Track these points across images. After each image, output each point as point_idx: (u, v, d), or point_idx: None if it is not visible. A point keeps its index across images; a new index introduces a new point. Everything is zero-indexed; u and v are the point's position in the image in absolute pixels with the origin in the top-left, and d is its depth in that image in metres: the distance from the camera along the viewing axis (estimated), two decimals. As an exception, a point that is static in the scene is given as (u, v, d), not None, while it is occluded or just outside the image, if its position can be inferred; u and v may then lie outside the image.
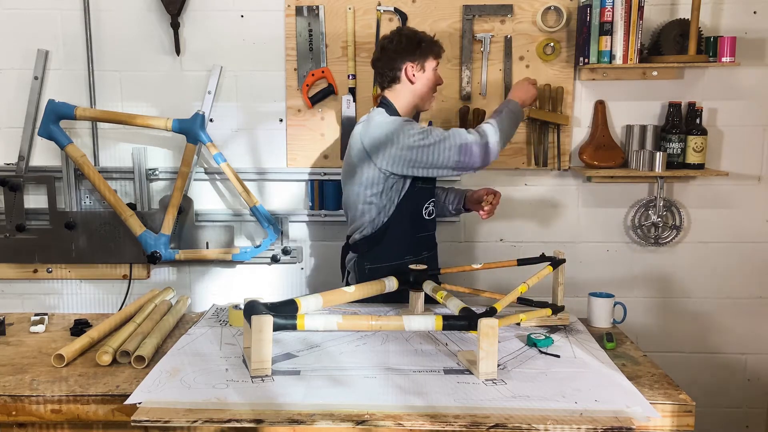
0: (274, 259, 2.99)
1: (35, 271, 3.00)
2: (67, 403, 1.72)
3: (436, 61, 2.45)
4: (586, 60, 2.75)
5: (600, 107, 2.90)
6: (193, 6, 2.86)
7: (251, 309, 1.79)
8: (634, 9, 2.69)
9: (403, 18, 2.83)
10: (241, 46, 2.89)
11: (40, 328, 2.22)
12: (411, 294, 2.22)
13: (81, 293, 3.06)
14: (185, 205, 2.93)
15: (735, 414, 3.10)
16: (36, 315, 2.32)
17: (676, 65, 2.75)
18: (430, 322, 1.80)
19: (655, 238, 2.97)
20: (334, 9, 2.84)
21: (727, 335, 3.05)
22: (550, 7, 2.82)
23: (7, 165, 2.94)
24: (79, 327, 2.19)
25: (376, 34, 2.85)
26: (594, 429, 1.51)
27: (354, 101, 2.89)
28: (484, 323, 1.72)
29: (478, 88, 2.89)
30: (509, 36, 2.85)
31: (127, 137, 2.96)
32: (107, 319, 2.20)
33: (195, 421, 1.54)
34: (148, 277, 3.03)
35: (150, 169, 2.95)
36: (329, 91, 2.88)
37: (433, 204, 2.50)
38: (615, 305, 2.24)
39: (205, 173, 2.97)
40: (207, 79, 2.88)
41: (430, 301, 2.20)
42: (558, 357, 1.90)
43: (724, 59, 2.70)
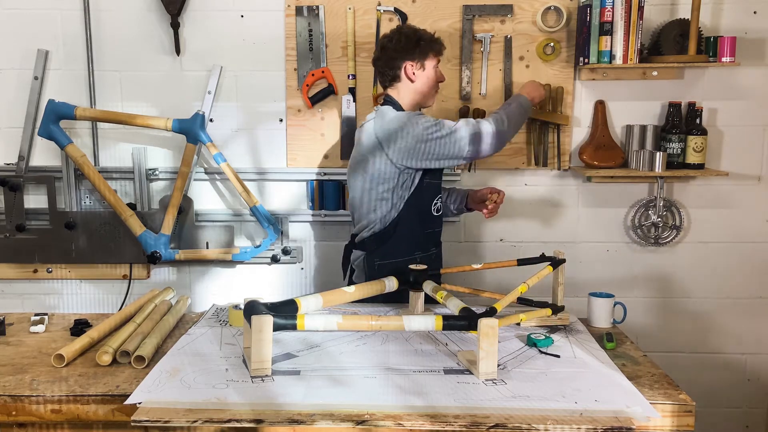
0: (274, 259, 2.99)
1: (35, 271, 3.00)
2: (67, 403, 1.72)
3: (437, 58, 2.46)
4: (586, 60, 2.75)
5: (600, 107, 2.90)
6: (193, 6, 2.86)
7: (251, 309, 1.79)
8: (634, 9, 2.69)
9: (403, 18, 2.83)
10: (241, 46, 2.89)
11: (40, 328, 2.22)
12: (411, 294, 2.22)
13: (81, 293, 3.05)
14: (185, 205, 2.93)
15: (735, 414, 3.10)
16: (36, 315, 2.32)
17: (676, 65, 2.75)
18: (430, 322, 1.80)
19: (655, 238, 2.97)
20: (334, 9, 2.84)
21: (727, 335, 3.05)
22: (550, 7, 2.82)
23: (7, 165, 2.94)
24: (79, 327, 2.19)
25: (376, 34, 2.85)
26: (594, 429, 1.51)
27: (354, 101, 2.89)
28: (484, 323, 1.73)
29: (478, 88, 2.89)
30: (509, 36, 2.85)
31: (127, 137, 2.96)
32: (107, 319, 2.20)
33: (195, 421, 1.54)
34: (148, 277, 3.03)
35: (150, 169, 2.95)
36: (329, 91, 2.88)
37: (441, 200, 2.51)
38: (615, 305, 2.24)
39: (205, 173, 2.97)
40: (207, 79, 2.88)
41: (430, 301, 2.20)
42: (558, 357, 1.90)
43: (724, 59, 2.70)
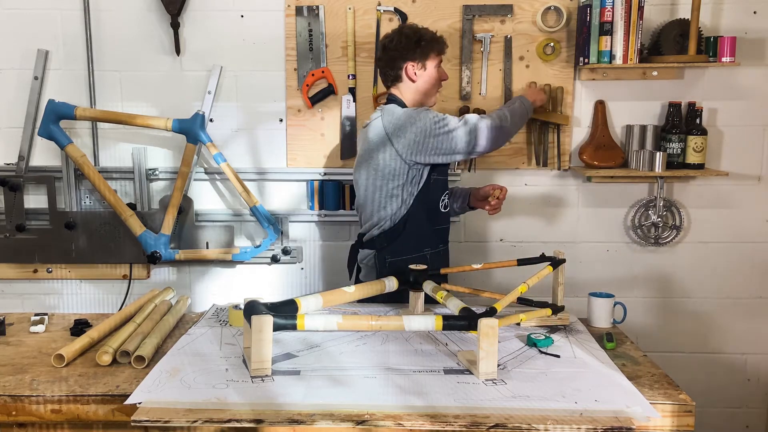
0: (274, 259, 2.99)
1: (35, 271, 3.00)
2: (67, 403, 1.72)
3: (439, 57, 2.46)
4: (586, 60, 2.75)
5: (600, 107, 2.90)
6: (193, 6, 2.86)
7: (251, 309, 1.79)
8: (634, 9, 2.69)
9: (403, 18, 2.83)
10: (241, 46, 2.89)
11: (40, 328, 2.22)
12: (411, 294, 2.22)
13: (81, 293, 3.05)
14: (185, 205, 2.93)
15: (735, 414, 3.10)
16: (36, 315, 2.32)
17: (676, 65, 2.75)
18: (430, 322, 1.80)
19: (655, 238, 2.97)
20: (334, 9, 2.84)
21: (727, 335, 3.05)
22: (550, 7, 2.82)
23: (7, 165, 2.94)
24: (79, 327, 2.19)
25: (376, 34, 2.85)
26: (594, 429, 1.51)
27: (354, 101, 2.89)
28: (484, 323, 1.73)
29: (477, 88, 2.89)
30: (509, 36, 2.85)
31: (127, 137, 2.96)
32: (107, 319, 2.20)
33: (195, 421, 1.54)
34: (148, 277, 3.03)
35: (150, 169, 2.95)
36: (329, 91, 2.88)
37: (448, 197, 2.52)
38: (615, 305, 2.24)
39: (205, 173, 2.97)
40: (207, 79, 2.88)
41: (430, 301, 2.20)
42: (558, 357, 1.90)
43: (724, 59, 2.70)
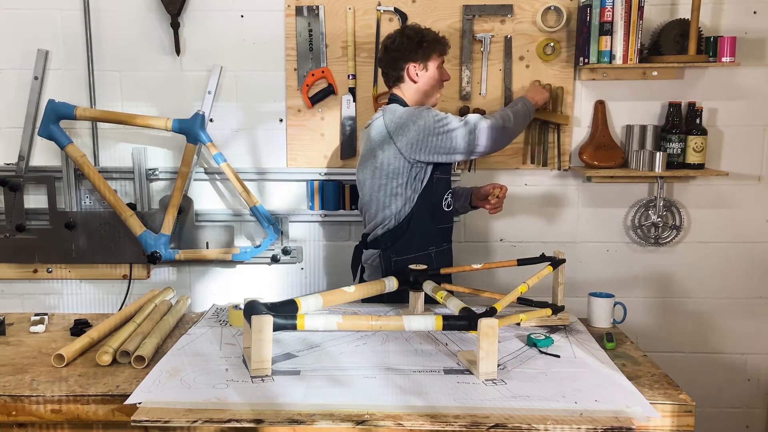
0: (274, 259, 2.99)
1: (35, 271, 3.00)
2: (67, 403, 1.72)
3: (441, 58, 2.47)
4: (586, 60, 2.75)
5: (600, 107, 2.90)
6: (193, 6, 2.86)
7: (251, 309, 1.79)
8: (634, 9, 2.69)
9: (403, 18, 2.83)
10: (241, 46, 2.89)
11: (40, 328, 2.22)
12: (411, 294, 2.23)
13: (81, 293, 3.05)
14: (185, 205, 2.93)
15: (735, 414, 3.10)
16: (36, 315, 2.32)
17: (676, 65, 2.75)
18: (430, 322, 1.80)
19: (655, 238, 2.97)
20: (334, 9, 2.84)
21: (727, 335, 3.05)
22: (550, 7, 2.82)
23: (7, 165, 2.94)
24: (79, 327, 2.19)
25: (376, 34, 2.85)
26: (594, 429, 1.51)
27: (354, 101, 2.89)
28: (484, 323, 1.73)
29: (477, 88, 2.89)
30: (509, 36, 2.85)
31: (127, 137, 2.96)
32: (107, 319, 2.20)
33: (195, 421, 1.54)
34: (148, 277, 3.03)
35: (150, 169, 2.95)
36: (329, 91, 2.88)
37: (451, 195, 2.52)
38: (615, 305, 2.25)
39: (205, 173, 2.97)
40: (207, 79, 2.88)
41: (430, 301, 2.20)
42: (558, 357, 1.90)
43: (724, 59, 2.70)
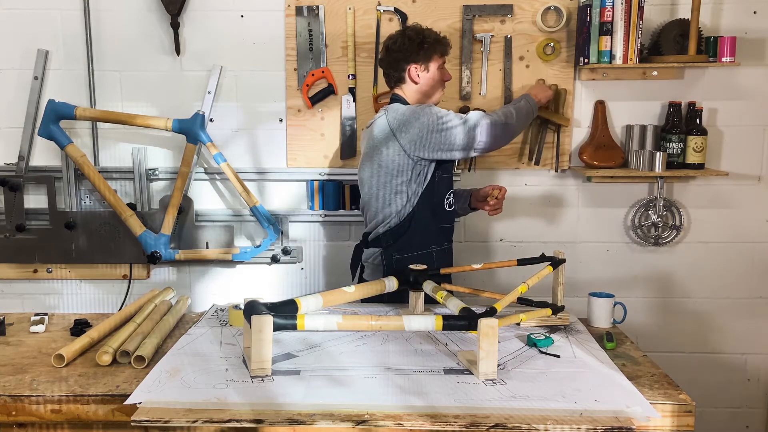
0: (274, 259, 2.99)
1: (35, 271, 3.00)
2: (67, 403, 1.72)
3: (442, 59, 2.48)
4: (586, 60, 2.75)
5: (600, 107, 2.90)
6: (193, 6, 2.86)
7: (251, 309, 1.79)
8: (634, 9, 2.69)
9: (403, 18, 2.83)
10: (241, 46, 2.89)
11: (40, 328, 2.22)
12: (411, 294, 2.23)
13: (81, 293, 3.05)
14: (185, 205, 2.93)
15: (735, 414, 3.10)
16: (36, 315, 2.32)
17: (676, 65, 2.75)
18: (430, 322, 1.80)
19: (655, 238, 2.97)
20: (334, 9, 2.84)
21: (727, 335, 3.05)
22: (550, 7, 2.82)
23: (7, 165, 2.94)
24: (79, 327, 2.19)
25: (376, 34, 2.85)
26: (594, 429, 1.51)
27: (354, 101, 2.89)
28: (484, 323, 1.73)
29: (477, 88, 2.89)
30: (509, 36, 2.85)
31: (127, 137, 2.96)
32: (107, 319, 2.20)
33: (195, 421, 1.54)
34: (148, 277, 3.03)
35: (150, 169, 2.95)
36: (329, 91, 2.88)
37: (453, 195, 2.52)
38: (615, 305, 2.24)
39: (205, 173, 2.97)
40: (207, 79, 2.88)
41: (430, 301, 2.20)
42: (558, 357, 1.90)
43: (724, 59, 2.70)
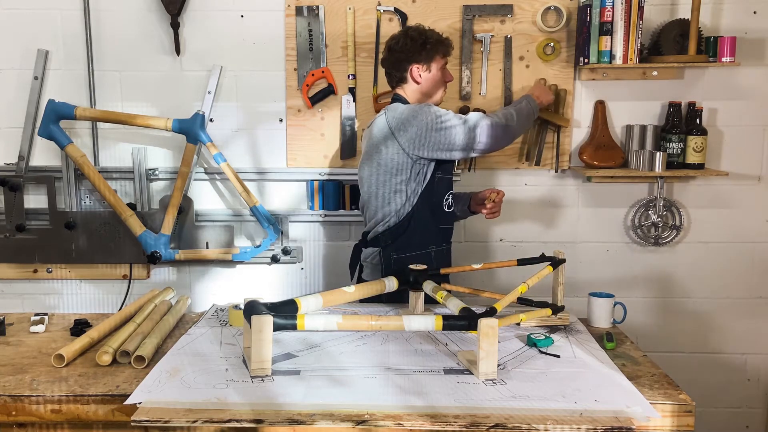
0: (274, 259, 2.99)
1: (35, 271, 3.00)
2: (67, 403, 1.72)
3: (444, 60, 2.48)
4: (586, 60, 2.75)
5: (600, 107, 2.90)
6: (193, 6, 2.86)
7: (251, 309, 1.79)
8: (634, 9, 2.69)
9: (403, 18, 2.83)
10: (241, 46, 2.89)
11: (40, 328, 2.22)
12: (411, 294, 2.23)
13: (81, 293, 3.05)
14: (185, 205, 2.93)
15: (735, 414, 3.10)
16: (36, 315, 2.32)
17: (676, 65, 2.75)
18: (430, 322, 1.80)
19: (655, 238, 2.97)
20: (334, 9, 2.84)
21: (727, 335, 3.05)
22: (550, 7, 2.82)
23: (7, 165, 2.94)
24: (79, 327, 2.19)
25: (377, 34, 2.84)
26: (594, 429, 1.51)
27: (354, 101, 2.89)
28: (484, 323, 1.73)
29: (477, 88, 2.89)
30: (509, 36, 2.85)
31: (127, 137, 2.96)
32: (107, 319, 2.20)
33: (195, 421, 1.54)
34: (148, 277, 3.03)
35: (150, 169, 2.95)
36: (329, 91, 2.88)
37: (452, 196, 2.52)
38: (615, 305, 2.24)
39: (205, 173, 2.97)
40: (207, 79, 2.88)
41: (430, 301, 2.20)
42: (558, 357, 1.90)
43: (724, 59, 2.70)
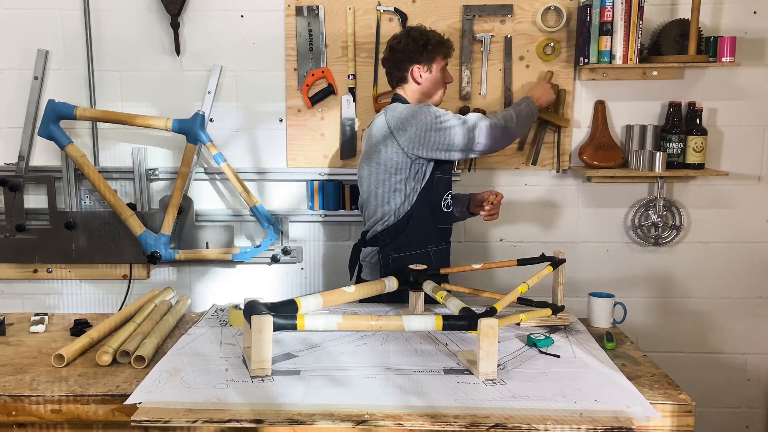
0: (274, 259, 2.99)
1: (35, 271, 3.00)
2: (67, 403, 1.72)
3: (445, 61, 2.49)
4: (586, 60, 2.75)
5: (600, 107, 2.90)
6: (193, 6, 2.86)
7: (251, 309, 1.79)
8: (634, 9, 2.69)
9: (403, 18, 2.83)
10: (241, 46, 2.89)
11: (40, 328, 2.22)
12: (411, 294, 2.23)
13: (81, 293, 3.05)
14: (185, 205, 2.93)
15: (735, 414, 3.10)
16: (36, 315, 2.32)
17: (676, 65, 2.75)
18: (430, 322, 1.80)
19: (655, 238, 2.97)
20: (334, 9, 2.84)
21: (727, 335, 3.05)
22: (550, 7, 2.82)
23: (7, 165, 2.94)
24: (79, 327, 2.19)
25: (377, 34, 2.84)
26: (594, 429, 1.51)
27: (354, 101, 2.89)
28: (484, 323, 1.73)
29: (477, 88, 2.89)
30: (509, 36, 2.85)
31: (127, 137, 2.96)
32: (107, 319, 2.20)
33: (195, 421, 1.54)
34: (148, 277, 3.03)
35: (150, 169, 2.95)
36: (329, 91, 2.88)
37: (451, 196, 2.52)
38: (615, 305, 2.25)
39: (205, 173, 2.97)
40: (207, 79, 2.88)
41: (430, 301, 2.20)
42: (558, 357, 1.90)
43: (724, 59, 2.70)
